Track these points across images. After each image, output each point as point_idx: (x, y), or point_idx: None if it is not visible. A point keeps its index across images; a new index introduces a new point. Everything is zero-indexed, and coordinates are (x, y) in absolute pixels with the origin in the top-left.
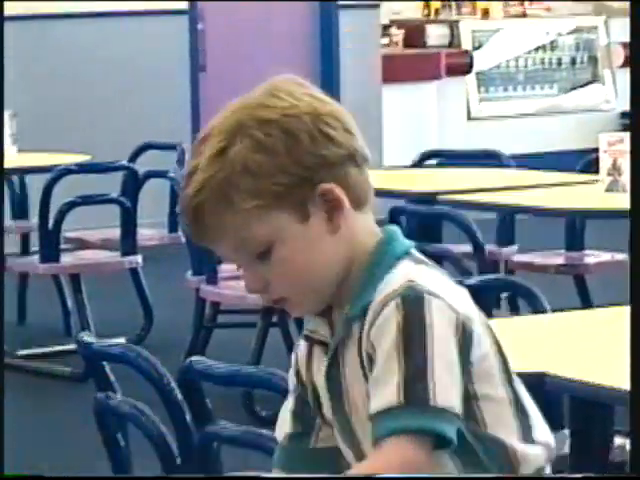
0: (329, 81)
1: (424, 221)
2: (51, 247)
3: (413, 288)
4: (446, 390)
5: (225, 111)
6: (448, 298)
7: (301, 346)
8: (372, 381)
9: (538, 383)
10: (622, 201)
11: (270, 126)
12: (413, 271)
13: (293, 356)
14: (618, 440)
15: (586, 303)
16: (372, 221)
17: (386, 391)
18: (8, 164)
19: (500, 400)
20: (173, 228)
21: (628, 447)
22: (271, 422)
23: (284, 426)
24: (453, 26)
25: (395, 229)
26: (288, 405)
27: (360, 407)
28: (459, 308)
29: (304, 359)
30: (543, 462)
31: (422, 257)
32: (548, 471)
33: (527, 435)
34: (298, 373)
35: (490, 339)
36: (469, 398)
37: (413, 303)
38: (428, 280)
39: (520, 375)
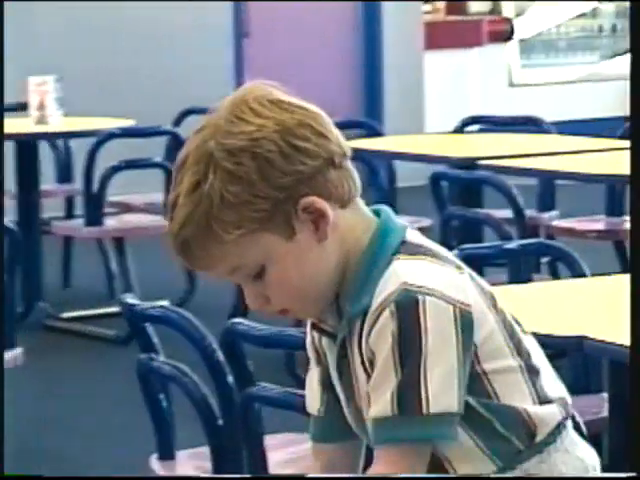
0: (371, 48)
1: (465, 186)
2: (95, 211)
3: (407, 291)
4: (441, 393)
5: (198, 133)
6: (444, 289)
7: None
8: (371, 387)
9: (577, 347)
10: None
11: (240, 155)
12: (407, 270)
13: (308, 329)
14: None
15: (626, 268)
16: (361, 212)
17: (382, 400)
18: (53, 128)
19: (510, 370)
20: None
21: None
22: None
23: (314, 400)
24: None
25: (387, 213)
26: (314, 377)
27: (366, 398)
28: (456, 296)
29: (317, 338)
30: (560, 418)
31: (417, 241)
32: (569, 425)
33: (541, 396)
34: (316, 349)
35: (493, 314)
36: (478, 377)
37: (407, 309)
38: (422, 276)
39: (559, 338)
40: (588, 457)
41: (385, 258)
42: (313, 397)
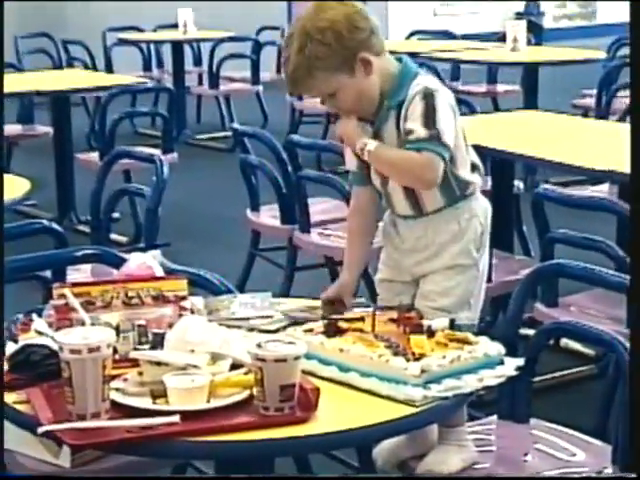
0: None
1: None
2: (214, 80)
3: (428, 89)
4: (447, 134)
5: (299, 18)
6: (445, 92)
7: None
8: (409, 128)
9: (477, 149)
10: (518, 57)
11: (325, 30)
12: (426, 80)
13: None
14: (516, 181)
15: (497, 110)
16: (389, 58)
17: (420, 132)
18: (190, 37)
19: (461, 146)
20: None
21: (522, 186)
22: None
23: (352, 163)
24: None
25: (406, 57)
26: (350, 151)
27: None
28: (449, 98)
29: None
30: (479, 182)
31: (422, 71)
32: (479, 191)
33: (472, 167)
34: None
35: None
36: (454, 149)
37: (428, 95)
38: (434, 83)
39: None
40: (487, 205)
41: (412, 74)
42: (350, 161)
